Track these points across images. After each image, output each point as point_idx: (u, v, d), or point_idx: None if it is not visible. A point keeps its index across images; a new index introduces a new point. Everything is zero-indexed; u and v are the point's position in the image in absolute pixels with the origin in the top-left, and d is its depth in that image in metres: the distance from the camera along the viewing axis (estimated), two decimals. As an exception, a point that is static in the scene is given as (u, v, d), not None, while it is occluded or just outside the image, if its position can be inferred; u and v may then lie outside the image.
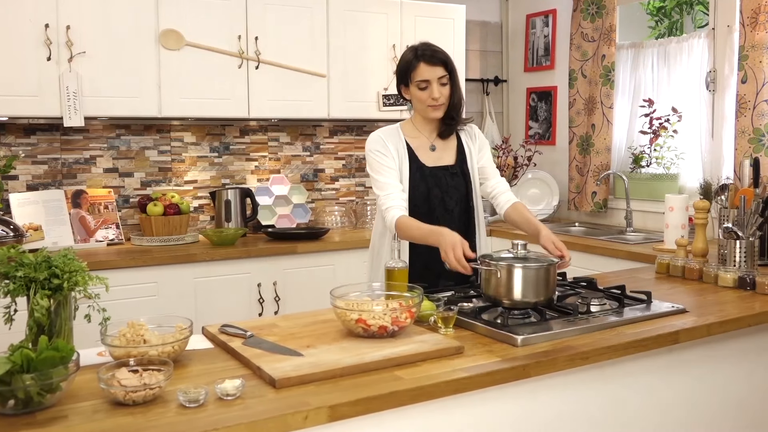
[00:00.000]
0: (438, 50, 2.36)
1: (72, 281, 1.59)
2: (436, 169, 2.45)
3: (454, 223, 2.42)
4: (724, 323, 2.01)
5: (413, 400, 1.48)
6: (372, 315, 1.75)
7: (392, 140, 2.43)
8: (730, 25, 3.47)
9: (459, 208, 2.47)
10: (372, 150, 2.41)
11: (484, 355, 1.69)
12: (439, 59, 2.34)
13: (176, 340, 1.63)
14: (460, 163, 2.49)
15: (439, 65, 2.33)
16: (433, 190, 2.43)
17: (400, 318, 1.76)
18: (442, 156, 2.48)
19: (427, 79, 2.33)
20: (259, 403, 1.40)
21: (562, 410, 1.78)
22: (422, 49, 2.35)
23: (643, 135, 3.93)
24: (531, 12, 4.66)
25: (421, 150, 2.45)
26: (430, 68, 2.32)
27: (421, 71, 2.33)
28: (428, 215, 2.39)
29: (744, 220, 2.59)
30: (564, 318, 1.93)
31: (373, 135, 2.45)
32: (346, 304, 1.80)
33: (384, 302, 1.85)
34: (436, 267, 2.34)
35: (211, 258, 3.29)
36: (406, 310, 1.77)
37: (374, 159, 2.40)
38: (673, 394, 2.00)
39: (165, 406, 1.39)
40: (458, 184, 2.47)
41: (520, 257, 1.98)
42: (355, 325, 1.76)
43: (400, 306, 1.78)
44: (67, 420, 1.33)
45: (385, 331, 1.75)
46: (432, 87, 2.33)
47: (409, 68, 2.35)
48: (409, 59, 2.36)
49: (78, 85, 3.17)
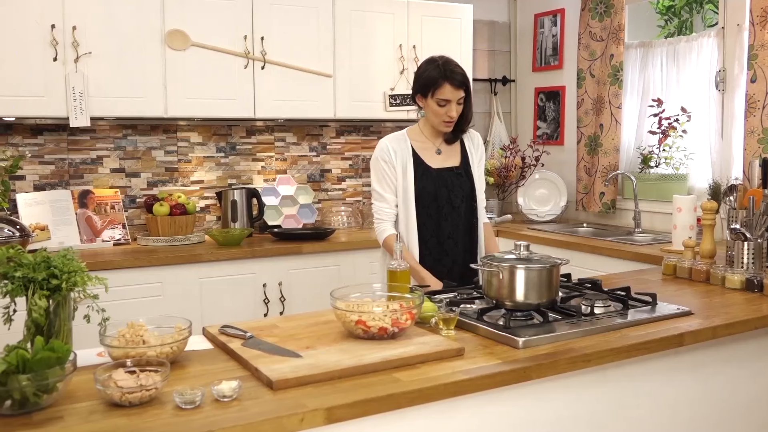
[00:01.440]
0: (461, 72, 2.49)
1: (71, 282, 1.59)
2: (442, 171, 2.61)
3: (460, 219, 2.61)
4: (730, 326, 1.98)
5: (411, 402, 1.47)
6: (372, 316, 1.74)
7: (399, 147, 2.58)
8: (740, 24, 3.43)
9: (465, 206, 2.62)
10: (378, 158, 2.58)
11: (485, 357, 1.67)
12: (463, 84, 2.48)
13: (175, 341, 1.62)
14: (464, 165, 2.65)
15: (461, 89, 2.48)
16: (441, 190, 2.58)
17: (400, 319, 1.75)
18: (448, 159, 2.64)
19: (449, 99, 2.48)
20: (255, 405, 1.39)
21: (565, 413, 1.76)
22: (448, 70, 2.47)
23: (652, 135, 3.90)
24: (539, 11, 4.63)
25: (427, 153, 2.61)
26: (453, 90, 2.47)
27: (445, 91, 2.47)
28: (437, 213, 2.58)
29: (752, 221, 2.56)
30: (567, 320, 1.91)
31: (382, 143, 2.60)
32: (346, 305, 1.79)
33: (384, 304, 1.84)
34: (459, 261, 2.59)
35: (216, 258, 3.29)
36: (407, 311, 1.76)
37: (378, 169, 2.59)
38: (678, 397, 1.97)
39: (161, 407, 1.38)
40: (463, 184, 2.63)
41: (523, 258, 1.96)
42: (355, 327, 1.75)
43: (401, 307, 1.77)
44: (62, 421, 1.32)
45: (385, 333, 1.74)
46: (451, 106, 2.49)
47: (434, 85, 2.48)
48: (434, 77, 2.48)
49: (84, 85, 3.17)
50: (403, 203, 2.57)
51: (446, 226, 2.58)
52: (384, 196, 2.58)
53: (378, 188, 2.59)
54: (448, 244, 2.59)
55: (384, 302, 1.87)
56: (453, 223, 2.59)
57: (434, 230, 2.57)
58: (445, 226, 2.58)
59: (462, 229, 2.61)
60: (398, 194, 2.58)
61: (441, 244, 2.58)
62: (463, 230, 2.62)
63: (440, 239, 2.58)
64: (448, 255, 2.59)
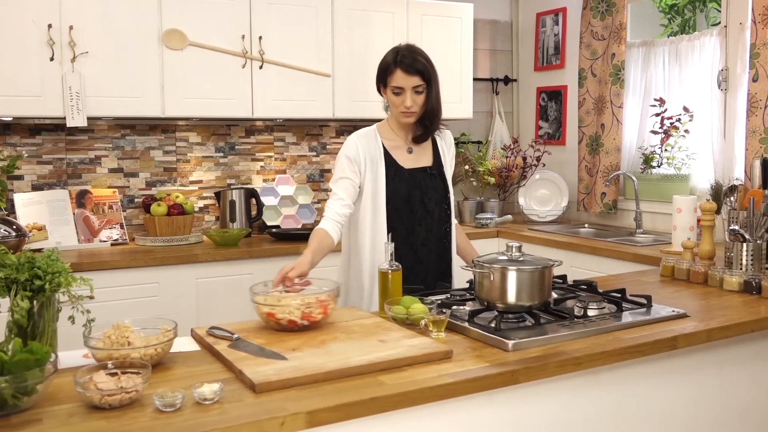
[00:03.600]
0: (418, 59, 2.30)
1: (55, 283, 1.57)
2: (414, 171, 2.43)
3: (434, 223, 2.44)
4: (726, 328, 1.95)
5: (396, 406, 1.44)
6: (281, 309, 1.80)
7: (368, 144, 2.39)
8: (743, 23, 3.39)
9: (438, 209, 2.46)
10: (343, 154, 2.38)
11: (473, 360, 1.65)
12: (416, 69, 2.28)
13: (159, 343, 1.60)
14: (437, 165, 2.48)
15: (415, 75, 2.28)
16: (414, 192, 2.41)
17: (313, 313, 1.82)
18: (420, 158, 2.46)
19: (402, 87, 2.30)
20: (236, 408, 1.37)
21: (556, 418, 1.73)
22: (402, 55, 2.30)
23: (654, 135, 3.86)
24: (541, 10, 4.60)
25: (398, 151, 2.43)
26: (405, 77, 2.28)
27: (397, 78, 2.30)
28: (410, 217, 2.40)
29: (753, 222, 2.52)
30: (559, 322, 1.88)
31: (350, 139, 2.41)
32: (264, 299, 1.85)
33: (301, 297, 1.88)
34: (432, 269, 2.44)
35: (213, 258, 3.28)
36: (320, 305, 1.83)
37: (340, 165, 2.37)
38: (673, 401, 1.94)
39: (141, 410, 1.36)
40: (436, 186, 2.45)
41: (515, 259, 1.93)
42: (268, 319, 1.83)
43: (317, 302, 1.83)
44: (41, 423, 1.31)
45: (295, 325, 1.81)
46: (405, 95, 2.30)
47: (387, 71, 2.33)
48: (388, 62, 2.33)
49: (81, 85, 3.17)
50: (372, 207, 2.37)
51: (420, 232, 2.40)
52: (337, 194, 2.33)
53: (332, 186, 2.37)
54: (422, 251, 2.40)
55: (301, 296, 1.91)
56: (427, 228, 2.41)
57: (406, 237, 2.36)
58: (419, 231, 2.40)
59: (435, 234, 2.44)
60: (365, 197, 2.37)
61: (414, 252, 2.38)
62: (437, 236, 2.44)
63: (413, 246, 2.38)
64: (422, 263, 2.40)
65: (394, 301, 1.98)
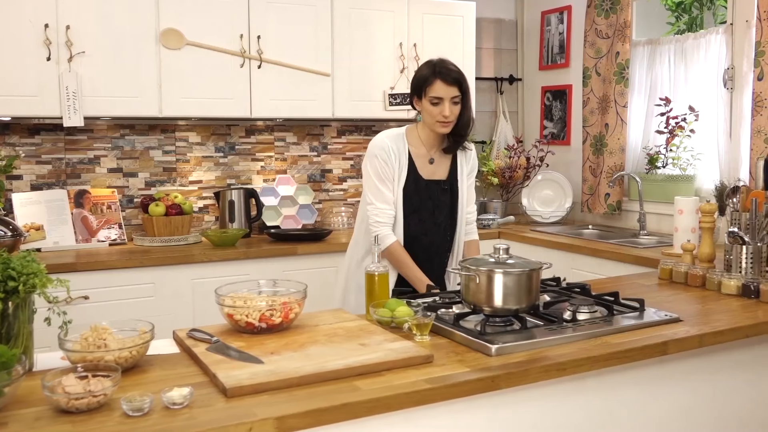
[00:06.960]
0: (454, 69, 2.40)
1: (29, 284, 1.56)
2: (430, 183, 2.51)
3: (440, 235, 2.53)
4: (719, 334, 1.89)
5: (369, 412, 1.41)
6: (239, 311, 1.79)
7: (397, 147, 2.47)
8: (749, 21, 3.32)
9: (446, 223, 2.54)
10: (378, 156, 2.44)
11: (454, 364, 1.61)
12: (455, 79, 2.38)
13: (134, 345, 1.58)
14: (451, 179, 2.55)
15: (453, 85, 2.37)
16: (426, 203, 2.50)
17: (273, 317, 1.80)
18: (437, 170, 2.53)
19: (441, 97, 2.37)
20: (205, 413, 1.34)
21: (542, 424, 1.69)
22: (440, 67, 2.39)
23: (659, 135, 3.80)
24: (546, 9, 4.54)
25: (420, 160, 2.50)
26: (445, 87, 2.37)
27: (436, 88, 2.37)
28: (419, 226, 2.49)
29: (755, 224, 2.46)
30: (547, 326, 1.84)
31: (379, 139, 2.48)
32: (231, 299, 1.84)
33: (268, 299, 1.88)
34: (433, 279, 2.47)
35: (210, 259, 3.26)
36: (282, 310, 1.81)
37: (379, 165, 2.44)
38: (665, 408, 1.89)
39: (109, 414, 1.34)
40: (447, 200, 2.54)
41: (501, 262, 1.89)
42: (229, 321, 1.83)
43: (282, 305, 1.82)
44: (6, 427, 1.29)
45: (253, 327, 1.79)
46: (444, 104, 2.38)
47: (425, 83, 2.39)
48: (426, 75, 2.40)
49: (78, 85, 3.16)
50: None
51: (424, 241, 2.50)
52: (384, 194, 2.42)
53: (379, 185, 2.42)
54: (422, 258, 2.48)
55: (267, 298, 1.90)
56: (430, 239, 2.51)
57: (411, 244, 2.47)
58: (424, 240, 2.50)
59: (439, 245, 2.54)
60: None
61: (416, 259, 2.46)
62: (443, 248, 2.55)
63: (416, 254, 2.47)
64: (423, 271, 2.45)
65: (380, 303, 1.95)
